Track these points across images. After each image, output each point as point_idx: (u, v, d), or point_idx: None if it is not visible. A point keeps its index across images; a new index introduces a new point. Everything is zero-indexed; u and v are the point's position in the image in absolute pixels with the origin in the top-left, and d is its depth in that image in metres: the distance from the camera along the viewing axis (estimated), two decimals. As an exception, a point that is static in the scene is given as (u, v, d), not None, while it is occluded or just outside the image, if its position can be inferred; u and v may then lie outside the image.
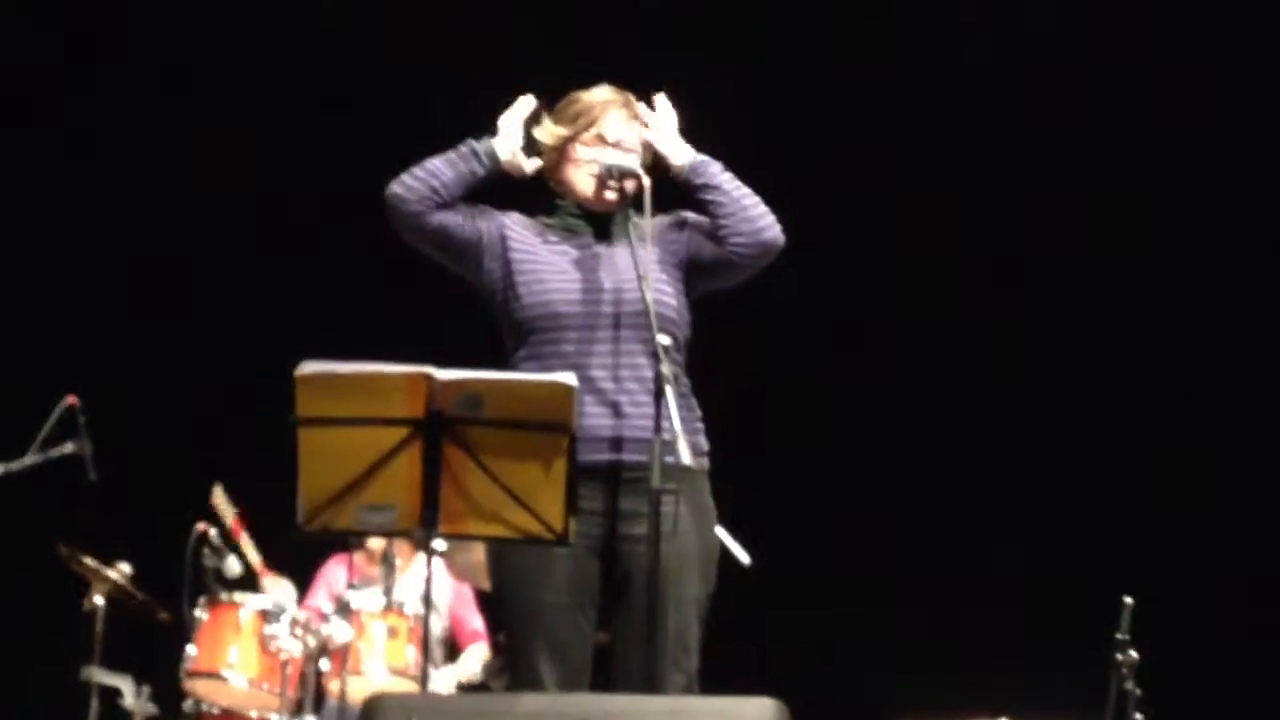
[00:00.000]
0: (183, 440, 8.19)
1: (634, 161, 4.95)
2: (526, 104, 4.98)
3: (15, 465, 6.75)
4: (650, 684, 4.66)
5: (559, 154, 5.00)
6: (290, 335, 6.74)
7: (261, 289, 8.34)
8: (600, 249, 4.95)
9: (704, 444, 4.92)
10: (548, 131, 5.00)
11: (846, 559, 8.06)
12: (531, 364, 4.81)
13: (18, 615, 8.00)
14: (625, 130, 5.00)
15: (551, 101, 5.04)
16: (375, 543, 7.47)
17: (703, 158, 4.98)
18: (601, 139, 4.98)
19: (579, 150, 4.98)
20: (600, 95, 5.02)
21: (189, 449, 8.13)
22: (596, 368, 4.80)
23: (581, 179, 4.97)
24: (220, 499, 7.32)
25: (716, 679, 4.80)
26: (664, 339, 4.71)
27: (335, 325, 7.83)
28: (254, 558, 7.34)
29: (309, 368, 4.40)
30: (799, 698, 4.40)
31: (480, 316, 5.00)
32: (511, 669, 4.94)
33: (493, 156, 4.92)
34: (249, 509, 7.33)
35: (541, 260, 4.90)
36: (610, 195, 4.95)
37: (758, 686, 4.39)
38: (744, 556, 5.51)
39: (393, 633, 7.12)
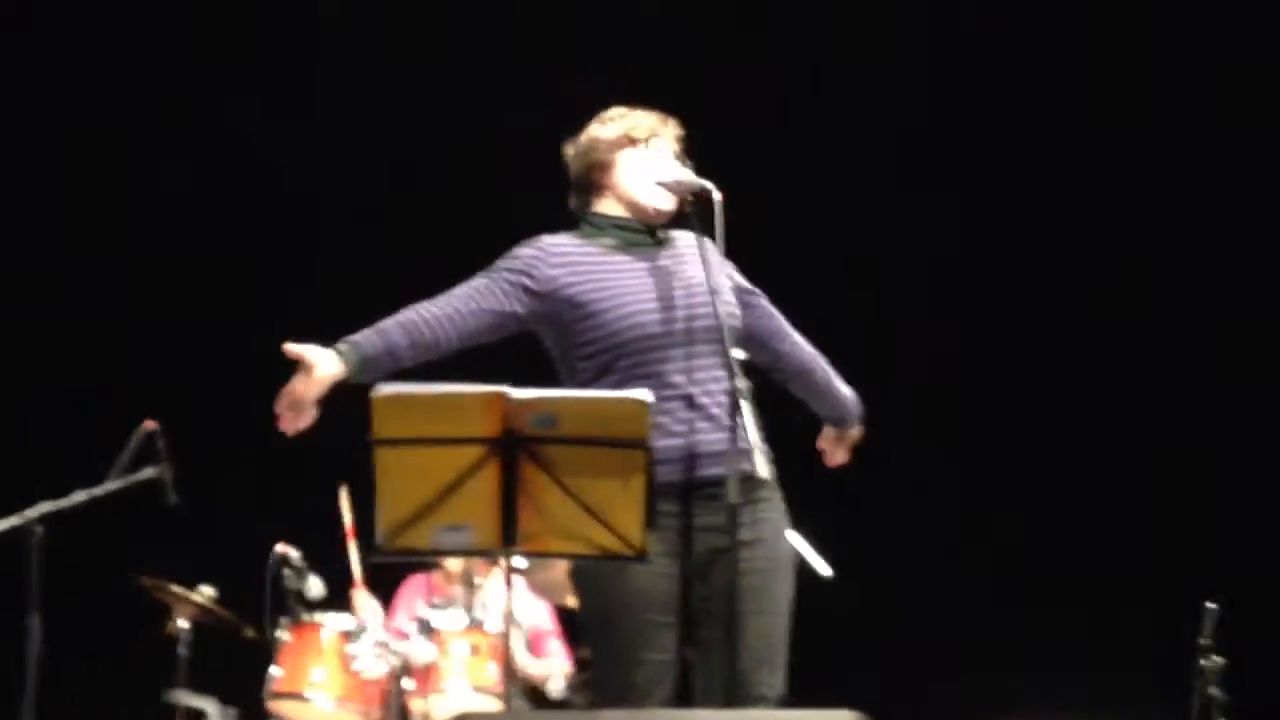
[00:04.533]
0: (261, 462, 8.24)
1: (696, 177, 4.95)
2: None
3: (96, 491, 6.80)
4: (735, 698, 4.67)
5: (610, 162, 5.01)
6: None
7: (336, 309, 8.37)
8: (659, 262, 4.94)
9: (769, 453, 4.92)
10: (613, 129, 5.01)
11: (925, 566, 8.03)
12: (607, 382, 4.81)
13: (103, 639, 8.04)
14: (676, 146, 5.03)
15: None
16: (455, 562, 7.49)
17: None
18: (661, 151, 5.00)
19: (637, 159, 4.99)
20: (651, 113, 5.05)
21: (268, 471, 8.19)
22: (670, 385, 4.79)
23: (641, 187, 4.97)
24: (345, 501, 7.29)
25: (797, 690, 4.80)
26: (739, 353, 4.72)
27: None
28: (356, 568, 7.35)
29: (385, 389, 4.41)
30: (878, 708, 4.39)
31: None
32: (600, 685, 4.94)
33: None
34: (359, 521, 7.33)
35: (611, 283, 4.89)
36: (668, 206, 4.95)
37: (838, 698, 4.38)
38: (823, 568, 5.49)
39: (474, 650, 7.13)
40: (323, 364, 4.73)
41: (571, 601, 6.95)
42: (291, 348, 4.74)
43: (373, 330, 4.82)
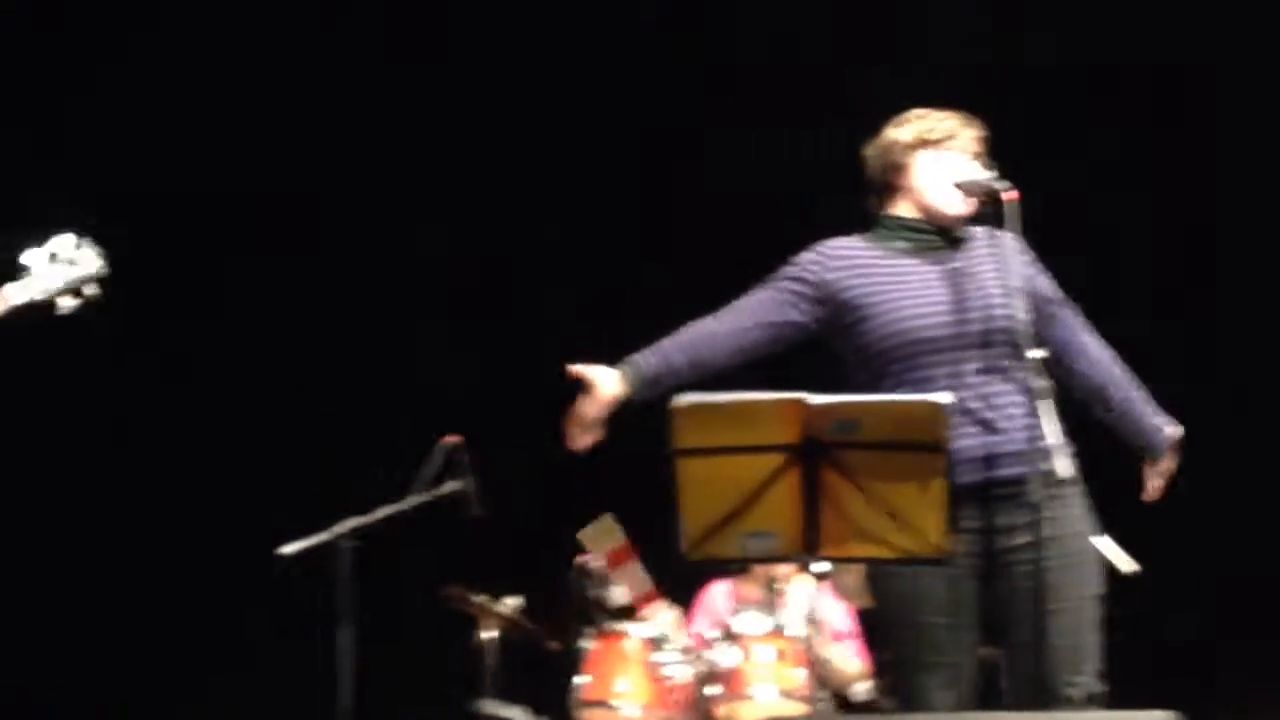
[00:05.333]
0: (566, 472, 8.34)
1: (995, 178, 4.91)
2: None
3: (404, 504, 6.93)
4: (1042, 698, 4.64)
5: (905, 164, 4.99)
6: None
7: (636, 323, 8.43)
8: (952, 264, 4.92)
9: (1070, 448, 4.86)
10: (910, 130, 5.00)
11: (1245, 555, 7.88)
12: (883, 388, 4.80)
13: (411, 651, 8.18)
14: (978, 150, 4.99)
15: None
16: (760, 567, 7.49)
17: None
18: (961, 152, 4.97)
19: (937, 158, 4.96)
20: (954, 115, 5.02)
21: (572, 481, 8.29)
22: (964, 386, 4.77)
23: (935, 188, 4.95)
24: (603, 530, 7.34)
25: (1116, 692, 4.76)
26: (1038, 353, 4.68)
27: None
28: (645, 585, 7.38)
29: (685, 399, 4.46)
30: (1199, 707, 4.32)
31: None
32: (898, 691, 4.94)
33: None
34: (637, 538, 7.35)
35: (892, 285, 4.88)
36: (964, 209, 4.93)
37: (1155, 697, 4.33)
38: (1127, 565, 5.41)
39: (779, 655, 7.12)
40: (604, 384, 4.82)
41: (870, 603, 6.92)
42: (574, 368, 4.82)
43: (652, 350, 4.88)
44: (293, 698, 7.62)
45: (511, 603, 7.28)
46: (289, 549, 6.86)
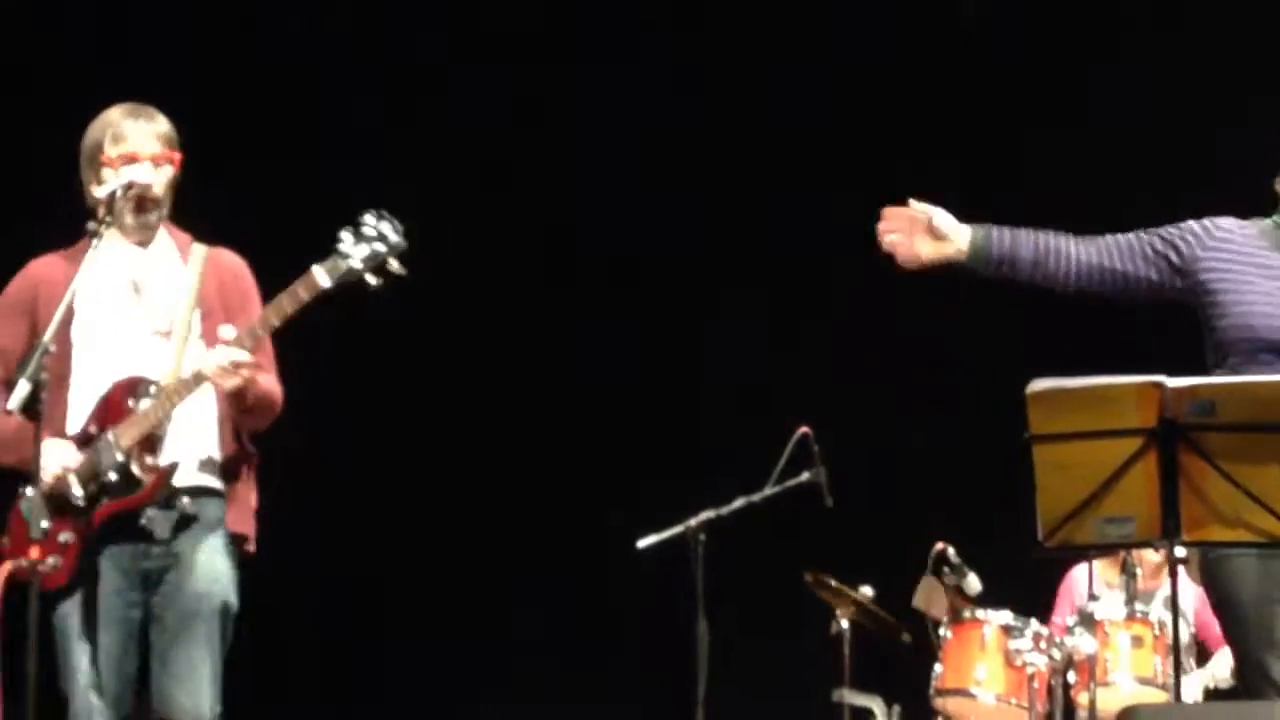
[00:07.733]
0: (911, 462, 8.33)
1: None
2: None
3: (756, 496, 6.99)
4: None
5: None
6: (1007, 352, 6.81)
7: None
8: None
9: None
10: None
11: None
12: (1222, 374, 4.72)
13: (770, 641, 8.24)
14: None
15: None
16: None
17: None
18: None
19: None
20: None
21: (917, 470, 8.28)
22: None
23: None
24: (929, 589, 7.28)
25: None
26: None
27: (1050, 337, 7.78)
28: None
29: (1039, 385, 4.45)
30: None
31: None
32: (1239, 674, 4.87)
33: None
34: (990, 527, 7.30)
35: (1242, 278, 4.79)
36: None
37: None
38: None
39: (1137, 642, 7.04)
40: (954, 234, 4.81)
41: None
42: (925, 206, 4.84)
43: (1009, 230, 4.83)
44: (651, 687, 7.74)
45: (864, 592, 7.30)
46: (645, 542, 6.96)
